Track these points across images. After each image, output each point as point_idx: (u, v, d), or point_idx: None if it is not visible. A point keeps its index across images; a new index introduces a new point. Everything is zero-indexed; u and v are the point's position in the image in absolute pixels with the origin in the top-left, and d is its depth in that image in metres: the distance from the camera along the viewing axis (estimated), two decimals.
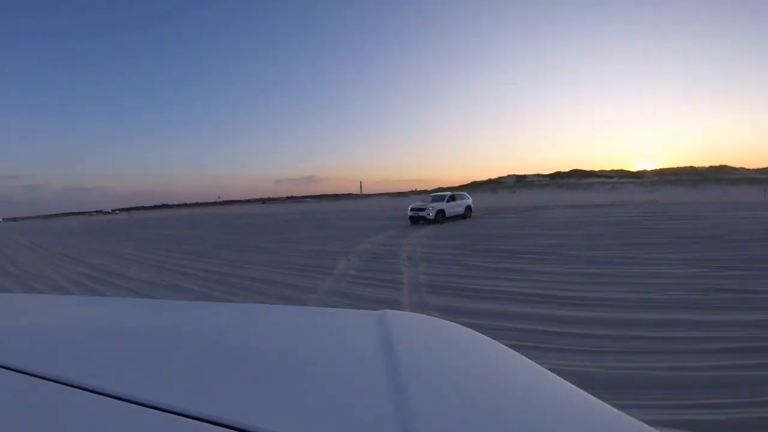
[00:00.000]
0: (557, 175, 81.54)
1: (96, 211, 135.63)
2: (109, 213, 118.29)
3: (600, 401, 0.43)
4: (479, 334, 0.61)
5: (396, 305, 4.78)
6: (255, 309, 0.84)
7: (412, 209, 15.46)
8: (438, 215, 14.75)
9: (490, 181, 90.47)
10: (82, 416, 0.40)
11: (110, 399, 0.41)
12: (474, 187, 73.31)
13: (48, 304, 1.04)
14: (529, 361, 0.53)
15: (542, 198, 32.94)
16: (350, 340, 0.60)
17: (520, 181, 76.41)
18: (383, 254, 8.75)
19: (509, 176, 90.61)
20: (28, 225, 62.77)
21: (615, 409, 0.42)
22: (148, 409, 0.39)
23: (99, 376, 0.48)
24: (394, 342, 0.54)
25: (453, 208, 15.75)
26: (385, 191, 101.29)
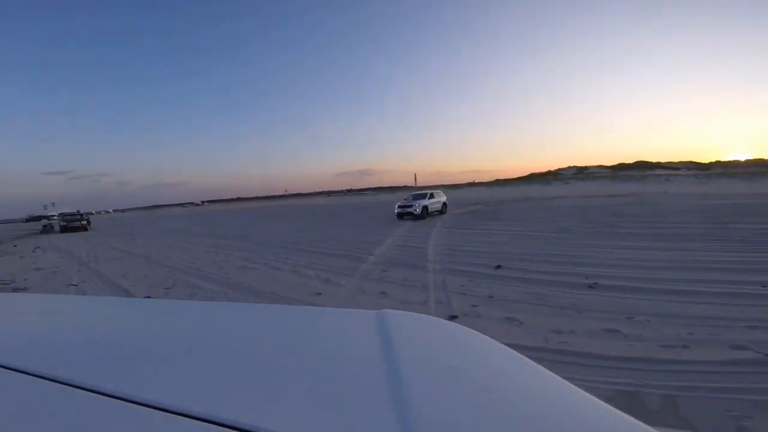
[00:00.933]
0: (620, 167, 78.16)
1: (189, 203, 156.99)
2: (198, 205, 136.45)
3: (600, 401, 0.43)
4: (479, 334, 0.60)
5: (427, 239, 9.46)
6: (255, 309, 0.84)
7: (399, 206, 16.79)
8: (423, 211, 16.10)
9: (548, 173, 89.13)
10: (82, 416, 0.40)
11: (110, 399, 0.41)
12: (531, 179, 73.58)
13: (48, 304, 1.04)
14: (529, 360, 0.52)
15: (578, 189, 34.41)
16: (350, 339, 0.60)
17: (580, 173, 74.75)
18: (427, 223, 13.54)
19: (569, 168, 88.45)
20: (141, 215, 72.95)
21: (615, 409, 0.41)
22: (148, 409, 0.39)
23: (99, 376, 0.48)
24: (393, 342, 0.54)
25: (433, 204, 17.23)
26: (439, 183, 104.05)
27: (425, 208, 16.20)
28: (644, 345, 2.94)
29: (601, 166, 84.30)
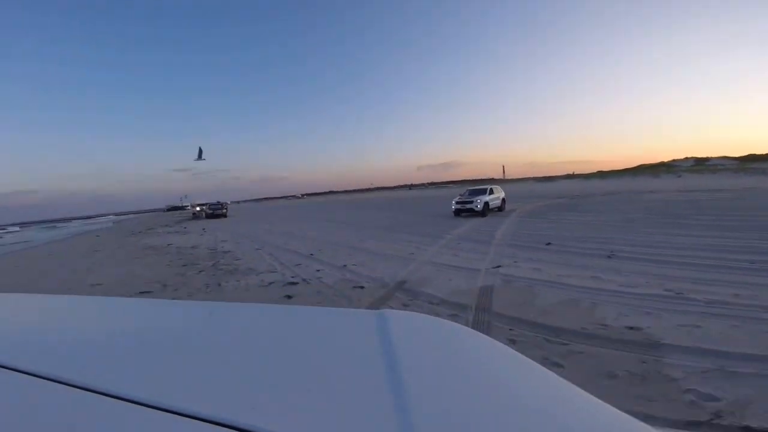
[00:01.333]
0: (748, 158, 64.45)
1: (291, 196, 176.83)
2: (299, 197, 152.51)
3: (600, 401, 0.43)
4: (479, 334, 0.61)
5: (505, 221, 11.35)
6: (255, 309, 0.84)
7: (457, 202, 16.03)
8: (485, 207, 15.33)
9: (660, 165, 78.12)
10: (82, 416, 0.40)
11: (110, 399, 0.42)
12: (639, 171, 65.92)
13: (48, 304, 1.05)
14: (530, 360, 0.52)
15: (688, 183, 30.71)
16: (350, 339, 0.60)
17: (698, 165, 64.24)
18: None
19: (686, 159, 76.09)
20: (253, 205, 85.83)
21: (615, 409, 0.42)
22: (148, 409, 0.39)
23: (99, 376, 0.48)
24: (393, 342, 0.54)
25: (494, 201, 16.39)
26: (530, 175, 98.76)
27: (486, 204, 15.55)
28: (607, 285, 4.85)
29: (725, 157, 70.92)
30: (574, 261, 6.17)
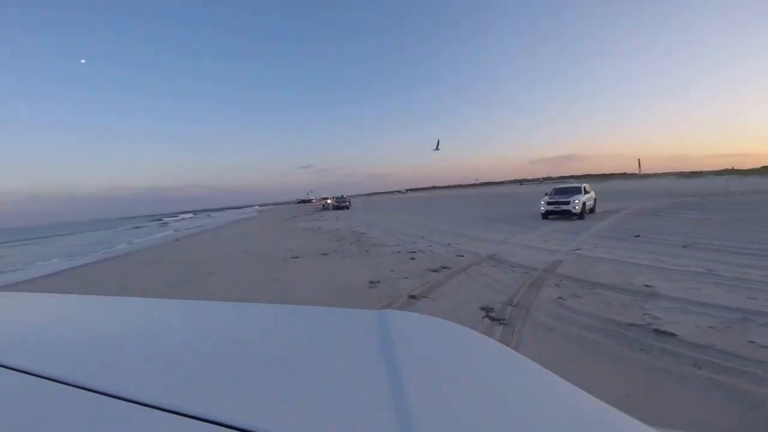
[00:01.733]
0: None
1: (396, 191, 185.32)
2: (403, 192, 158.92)
3: (600, 401, 0.43)
4: (479, 334, 0.60)
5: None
6: (255, 308, 0.84)
7: (547, 203, 13.83)
8: (582, 209, 13.27)
9: None
10: (82, 416, 0.40)
11: (110, 399, 0.42)
12: None
13: (48, 304, 1.04)
14: (529, 360, 0.52)
15: None
16: (350, 339, 0.60)
17: None
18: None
19: None
20: (365, 200, 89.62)
21: (615, 409, 0.42)
22: (148, 408, 0.39)
23: (99, 376, 0.48)
24: (394, 342, 0.54)
25: (589, 201, 14.34)
26: (671, 170, 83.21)
27: (584, 204, 13.42)
28: (661, 264, 6.12)
29: None
30: (649, 248, 7.31)
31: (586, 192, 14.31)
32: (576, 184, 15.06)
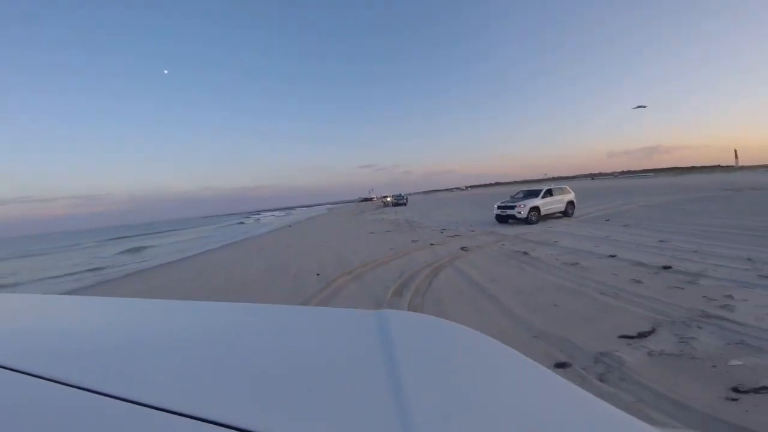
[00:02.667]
0: None
1: (455, 188, 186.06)
2: (462, 189, 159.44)
3: (600, 400, 0.43)
4: (480, 334, 0.61)
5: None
6: (255, 309, 0.84)
7: (498, 207, 14.05)
8: (531, 214, 13.05)
9: None
10: (82, 416, 0.40)
11: (110, 399, 0.42)
12: None
13: (48, 304, 1.05)
14: (530, 360, 0.52)
15: None
16: (350, 339, 0.61)
17: None
18: None
19: None
20: (423, 197, 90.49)
21: (615, 408, 0.42)
22: (148, 409, 0.40)
23: (99, 376, 0.49)
24: (394, 342, 0.54)
25: (549, 205, 13.79)
26: None
27: (535, 209, 13.21)
28: (617, 237, 10.11)
29: None
30: (634, 231, 10.32)
31: (548, 195, 13.89)
32: (538, 189, 14.67)
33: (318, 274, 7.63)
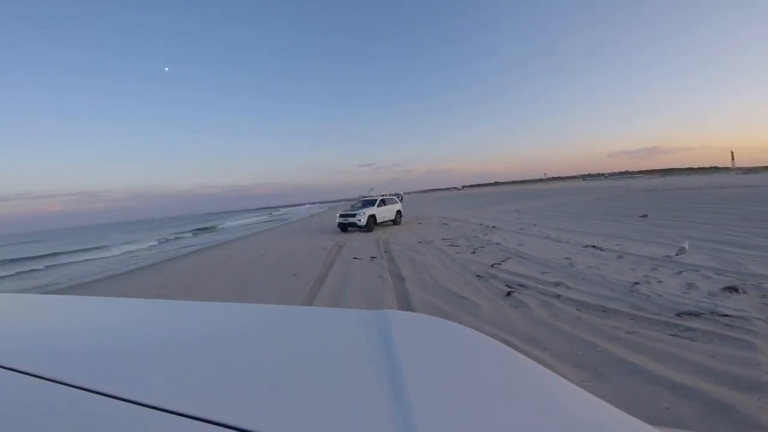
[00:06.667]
0: None
1: (452, 188, 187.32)
2: (459, 189, 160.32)
3: (600, 400, 0.43)
4: (480, 334, 0.60)
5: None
6: (255, 309, 0.84)
7: (341, 215, 14.85)
8: (370, 221, 14.12)
9: None
10: (82, 416, 0.40)
11: (110, 399, 0.42)
12: None
13: (48, 304, 1.05)
14: (530, 360, 0.52)
15: None
16: (350, 340, 0.60)
17: None
18: None
19: None
20: (421, 196, 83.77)
21: (615, 408, 0.42)
22: (148, 409, 0.40)
23: (99, 376, 0.49)
24: (394, 342, 0.54)
25: (383, 213, 15.19)
26: None
27: (372, 217, 14.43)
28: (525, 219, 14.43)
29: None
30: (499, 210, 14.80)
31: (382, 204, 15.30)
32: (373, 198, 16.12)
33: None
